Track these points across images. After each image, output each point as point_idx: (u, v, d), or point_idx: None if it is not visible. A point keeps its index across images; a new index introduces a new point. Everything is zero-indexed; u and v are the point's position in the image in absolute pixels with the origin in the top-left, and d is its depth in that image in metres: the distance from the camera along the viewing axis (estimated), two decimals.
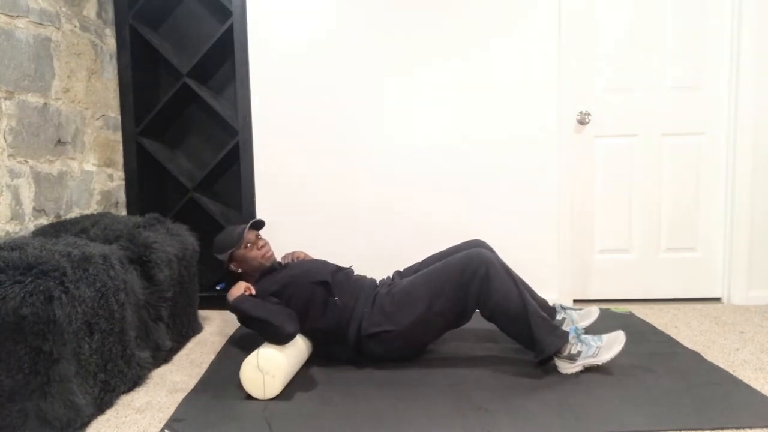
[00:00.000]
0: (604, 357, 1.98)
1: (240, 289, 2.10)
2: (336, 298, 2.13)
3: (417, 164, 2.96)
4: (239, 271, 2.28)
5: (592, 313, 2.37)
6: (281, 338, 1.93)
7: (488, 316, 2.07)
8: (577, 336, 2.01)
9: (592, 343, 2.00)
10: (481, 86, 2.91)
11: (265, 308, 2.01)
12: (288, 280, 2.17)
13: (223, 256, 2.27)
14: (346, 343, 2.14)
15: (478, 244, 2.32)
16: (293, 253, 2.50)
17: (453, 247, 2.36)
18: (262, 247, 2.30)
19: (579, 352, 1.99)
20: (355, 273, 2.35)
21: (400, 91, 2.93)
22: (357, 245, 2.96)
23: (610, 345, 2.00)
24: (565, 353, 2.00)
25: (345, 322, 2.12)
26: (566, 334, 2.01)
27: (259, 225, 2.40)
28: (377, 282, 2.29)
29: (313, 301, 2.12)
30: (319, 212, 2.98)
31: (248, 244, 2.27)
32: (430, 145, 2.95)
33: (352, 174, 2.97)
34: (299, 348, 2.08)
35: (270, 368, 1.86)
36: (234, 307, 2.05)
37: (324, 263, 2.29)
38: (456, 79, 2.91)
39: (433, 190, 2.96)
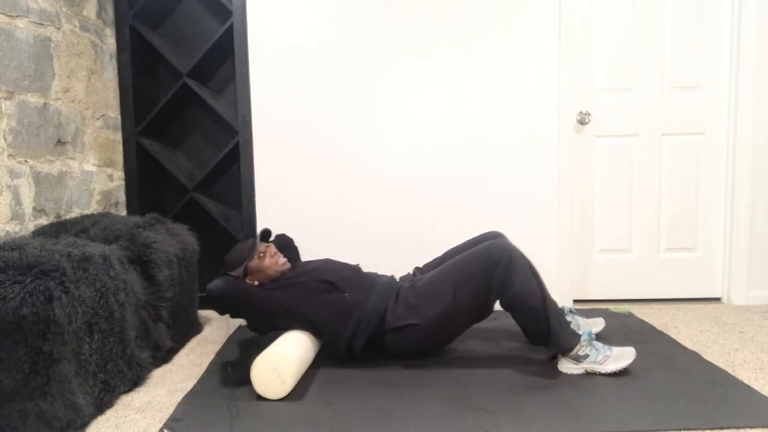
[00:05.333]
0: (610, 367, 1.98)
1: None
2: (346, 294, 2.12)
3: (417, 164, 2.95)
4: (256, 284, 2.23)
5: (598, 323, 2.39)
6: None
7: (506, 305, 2.06)
8: (589, 340, 2.02)
9: (602, 350, 2.00)
10: (481, 86, 2.91)
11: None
12: (295, 279, 2.18)
13: (237, 271, 2.19)
14: (356, 340, 2.12)
15: (496, 235, 2.30)
16: None
17: (471, 239, 2.34)
18: (275, 254, 2.27)
19: (586, 355, 1.99)
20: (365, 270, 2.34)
21: (401, 91, 2.93)
22: (357, 244, 2.96)
23: (619, 357, 1.99)
24: (573, 353, 2.00)
25: (355, 317, 2.11)
26: (578, 334, 2.02)
27: (268, 234, 2.36)
28: (396, 278, 2.28)
29: (321, 298, 2.12)
30: (319, 212, 2.98)
31: (261, 254, 2.24)
32: (429, 145, 2.94)
33: (353, 173, 2.97)
34: (309, 346, 2.09)
35: (282, 367, 1.86)
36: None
37: (327, 261, 2.29)
38: (456, 78, 2.91)
39: (433, 189, 2.96)
